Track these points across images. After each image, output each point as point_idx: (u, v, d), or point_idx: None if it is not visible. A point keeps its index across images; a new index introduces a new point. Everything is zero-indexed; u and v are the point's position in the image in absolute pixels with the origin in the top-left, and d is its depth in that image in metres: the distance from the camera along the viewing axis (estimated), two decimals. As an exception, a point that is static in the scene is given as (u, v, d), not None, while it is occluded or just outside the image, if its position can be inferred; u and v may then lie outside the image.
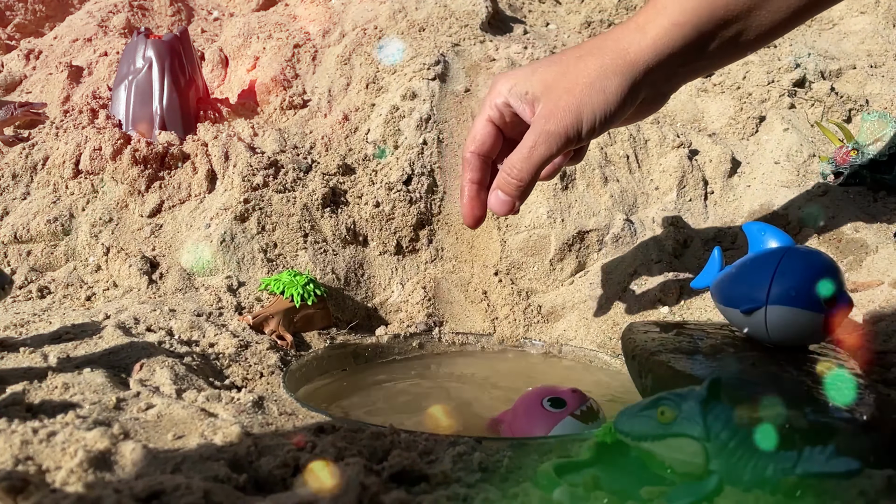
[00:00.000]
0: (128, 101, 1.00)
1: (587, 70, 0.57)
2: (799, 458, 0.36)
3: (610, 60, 0.56)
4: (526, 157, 0.59)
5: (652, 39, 0.56)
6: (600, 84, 0.56)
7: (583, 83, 0.56)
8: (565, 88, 0.57)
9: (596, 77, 0.56)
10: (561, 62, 0.58)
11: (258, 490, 0.44)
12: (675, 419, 0.39)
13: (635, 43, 0.56)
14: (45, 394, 0.55)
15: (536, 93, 0.58)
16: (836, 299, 0.55)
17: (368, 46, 1.16)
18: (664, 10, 0.56)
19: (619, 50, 0.56)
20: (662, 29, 0.56)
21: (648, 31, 0.56)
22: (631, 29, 0.57)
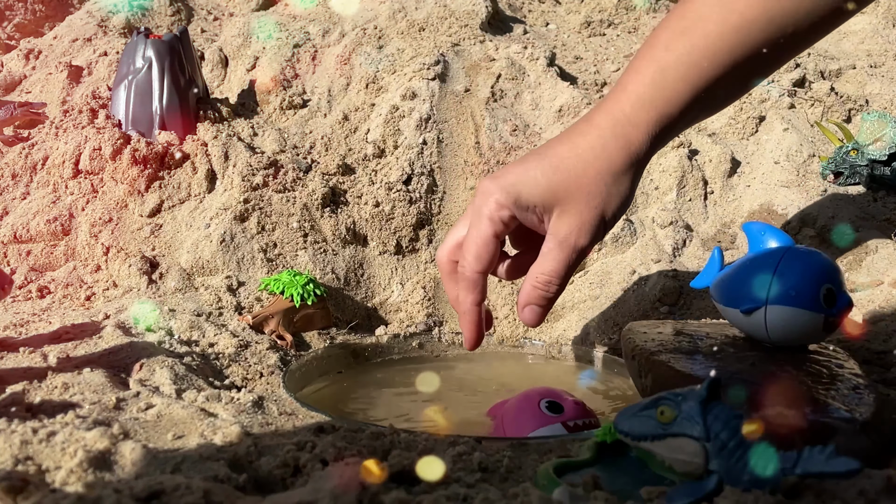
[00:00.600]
0: (127, 100, 1.00)
1: (598, 173, 0.55)
2: (799, 458, 0.36)
3: (616, 161, 0.55)
4: (559, 273, 0.56)
5: (649, 134, 0.56)
6: (616, 189, 0.55)
7: (598, 191, 0.55)
8: (583, 199, 0.55)
9: (611, 181, 0.55)
10: (562, 163, 0.56)
11: (258, 490, 0.44)
12: (674, 419, 0.39)
13: (636, 140, 0.56)
14: (44, 394, 0.55)
15: (548, 205, 0.56)
16: (835, 299, 0.55)
17: (368, 46, 1.16)
18: (650, 104, 0.56)
19: (621, 148, 0.56)
20: (655, 124, 0.56)
21: (645, 127, 0.56)
22: (624, 123, 0.56)
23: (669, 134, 0.57)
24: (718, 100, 0.59)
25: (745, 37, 0.54)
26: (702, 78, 0.55)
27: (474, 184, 0.99)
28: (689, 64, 0.55)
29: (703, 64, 0.55)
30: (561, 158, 0.55)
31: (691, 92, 0.55)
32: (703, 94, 0.56)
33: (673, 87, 0.55)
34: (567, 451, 0.52)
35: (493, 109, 1.05)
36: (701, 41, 0.55)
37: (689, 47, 0.55)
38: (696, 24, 0.55)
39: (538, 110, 1.08)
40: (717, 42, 0.55)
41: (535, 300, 0.57)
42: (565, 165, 0.55)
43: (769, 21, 0.54)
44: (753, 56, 0.55)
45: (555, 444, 0.53)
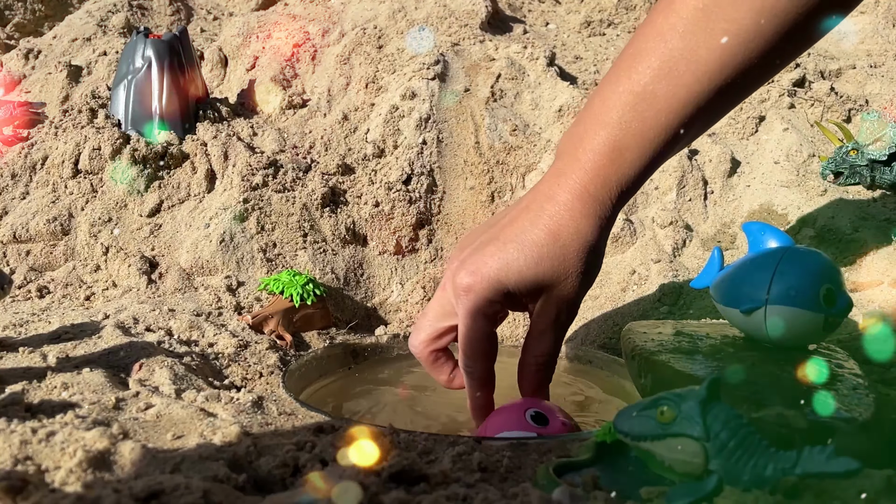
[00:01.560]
0: (127, 100, 1.00)
1: (577, 253, 0.57)
2: (798, 458, 0.36)
3: (590, 238, 0.57)
4: (557, 350, 0.59)
5: (612, 208, 0.57)
6: (594, 259, 0.57)
7: (581, 270, 0.57)
8: (568, 281, 0.57)
9: (590, 256, 0.57)
10: (543, 252, 0.56)
11: (257, 490, 0.44)
12: (674, 419, 0.39)
13: (602, 215, 0.57)
14: (44, 394, 0.55)
15: (535, 293, 0.57)
16: (835, 300, 0.55)
17: (368, 46, 1.16)
18: (610, 182, 0.57)
19: (591, 225, 0.57)
20: (617, 197, 0.57)
21: (609, 202, 0.57)
22: (590, 202, 0.57)
23: (627, 198, 0.59)
24: (677, 150, 0.60)
25: (695, 107, 0.55)
26: (656, 151, 0.56)
27: (474, 184, 0.99)
28: (643, 142, 0.56)
29: (657, 140, 0.56)
30: (539, 246, 0.56)
31: (648, 161, 0.56)
32: (660, 156, 0.57)
33: (630, 165, 0.56)
34: (567, 451, 0.52)
35: (492, 109, 1.05)
36: (653, 119, 0.55)
37: (642, 126, 0.55)
38: (646, 101, 0.55)
39: (538, 110, 1.08)
40: (669, 118, 0.55)
41: (543, 382, 0.60)
42: (546, 253, 0.56)
43: (718, 89, 0.54)
44: (706, 115, 0.56)
45: (554, 444, 0.53)
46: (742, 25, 0.52)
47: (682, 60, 0.54)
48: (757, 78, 0.56)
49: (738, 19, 0.52)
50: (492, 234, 0.58)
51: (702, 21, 0.53)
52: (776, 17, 0.52)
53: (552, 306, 0.57)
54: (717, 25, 0.52)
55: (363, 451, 0.43)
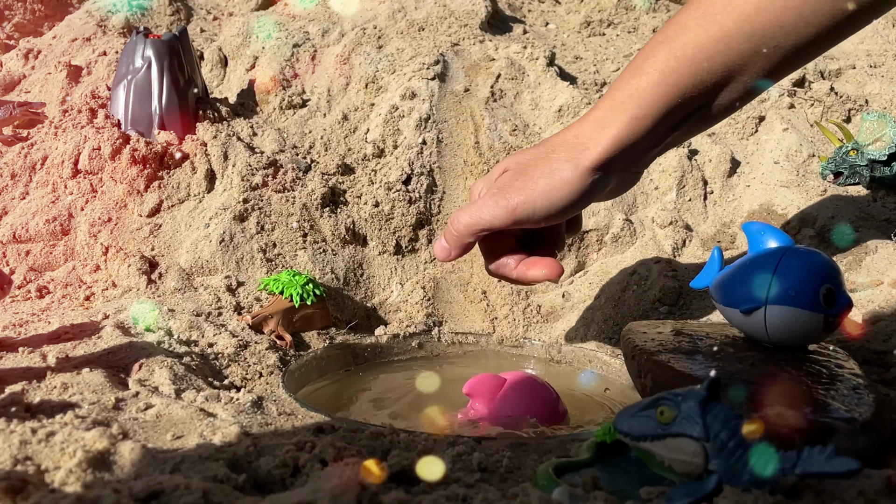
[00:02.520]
0: (127, 100, 1.00)
1: (548, 162, 0.61)
2: (798, 458, 0.36)
3: (568, 155, 0.60)
4: (469, 215, 0.63)
5: (612, 134, 0.59)
6: (557, 176, 0.60)
7: (540, 172, 0.61)
8: (525, 175, 0.61)
9: (553, 169, 0.60)
10: (532, 155, 0.63)
11: (257, 490, 0.44)
12: (674, 419, 0.39)
13: (594, 138, 0.60)
14: (43, 394, 0.55)
15: (504, 178, 0.63)
16: (835, 299, 0.55)
17: (368, 46, 1.16)
18: (622, 106, 0.59)
19: (578, 145, 0.60)
20: (621, 124, 0.59)
21: (607, 125, 0.60)
22: (589, 124, 0.61)
23: (639, 137, 0.59)
24: (695, 117, 0.61)
25: (725, 47, 0.56)
26: (677, 85, 0.58)
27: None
28: (664, 71, 0.58)
29: (679, 71, 0.57)
30: (534, 150, 0.63)
31: (664, 97, 0.58)
32: (677, 103, 0.58)
33: (645, 90, 0.58)
34: (566, 451, 0.52)
35: (492, 109, 1.05)
36: (679, 50, 0.57)
37: (667, 56, 0.58)
38: (677, 34, 0.58)
39: (538, 110, 1.08)
40: (694, 51, 0.57)
41: (445, 233, 0.65)
42: (533, 154, 0.63)
43: (750, 35, 0.56)
44: (732, 65, 0.57)
45: (554, 444, 0.53)
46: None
47: (719, 2, 0.56)
48: (790, 35, 0.56)
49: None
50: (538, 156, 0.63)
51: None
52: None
53: (499, 187, 0.63)
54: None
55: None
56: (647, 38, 1.34)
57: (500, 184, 0.63)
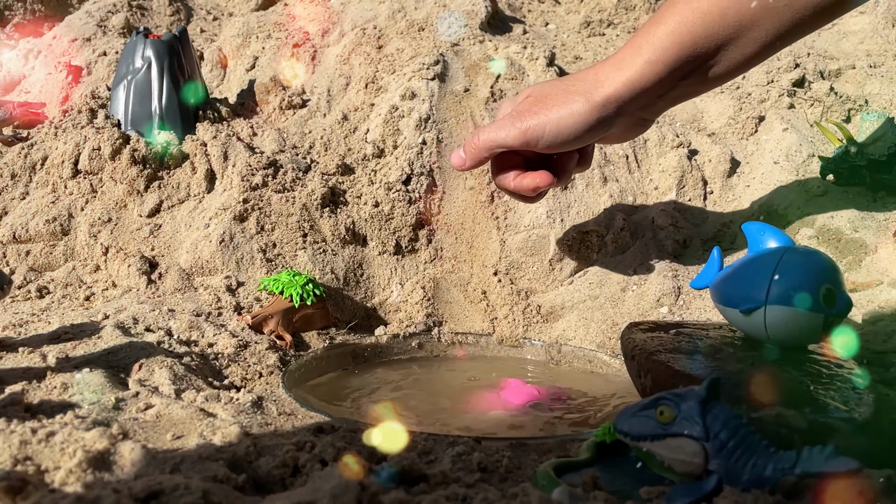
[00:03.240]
0: (127, 100, 1.00)
1: (565, 93, 0.67)
2: (798, 458, 0.36)
3: (583, 88, 0.66)
4: (488, 132, 0.70)
5: (626, 75, 0.65)
6: (569, 107, 0.66)
7: (555, 101, 0.66)
8: (542, 102, 0.67)
9: (567, 100, 0.66)
10: (552, 86, 0.69)
11: (257, 490, 0.44)
12: (674, 419, 0.39)
13: (610, 77, 0.65)
14: (43, 394, 0.55)
15: (524, 103, 0.69)
16: (835, 300, 0.55)
17: (368, 46, 1.16)
18: (639, 50, 0.65)
19: (595, 82, 0.66)
20: (637, 66, 0.65)
21: (624, 67, 0.65)
22: (609, 65, 0.67)
23: (655, 87, 0.65)
24: (711, 64, 0.65)
25: (737, 2, 0.61)
26: (698, 26, 0.62)
27: (474, 184, 0.99)
28: (685, 13, 0.62)
29: (699, 9, 0.62)
30: (555, 82, 0.71)
31: (684, 40, 0.63)
32: (699, 50, 0.63)
33: (664, 34, 0.63)
34: (566, 450, 0.52)
35: (492, 109, 1.05)
36: (696, 2, 0.62)
37: (685, 6, 0.63)
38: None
39: (538, 110, 1.08)
40: (709, 4, 0.62)
41: (464, 145, 0.73)
42: (553, 85, 0.70)
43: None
44: (744, 23, 0.61)
45: (554, 444, 0.53)
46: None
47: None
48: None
49: None
50: (563, 87, 0.69)
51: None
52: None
53: (517, 111, 0.70)
54: None
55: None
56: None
57: (519, 108, 0.69)
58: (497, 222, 0.96)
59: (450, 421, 0.64)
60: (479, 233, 0.96)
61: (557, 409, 0.67)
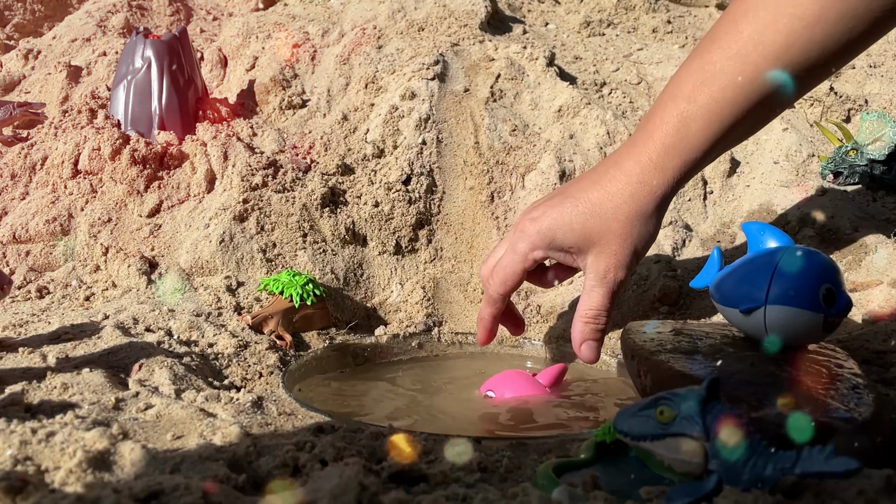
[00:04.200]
0: (126, 100, 1.00)
1: (628, 217, 0.62)
2: (798, 458, 0.36)
3: (645, 205, 0.63)
4: (605, 306, 0.64)
5: (674, 178, 0.63)
6: (645, 229, 0.63)
7: (630, 232, 0.62)
8: (616, 240, 0.62)
9: (640, 223, 0.63)
10: (595, 209, 0.63)
11: (257, 490, 0.44)
12: (674, 419, 0.39)
13: (662, 184, 0.62)
14: (44, 394, 0.55)
15: (582, 247, 0.63)
16: (835, 299, 0.55)
17: (367, 46, 1.16)
18: (675, 151, 0.62)
19: (649, 193, 0.62)
20: (679, 169, 0.62)
21: (670, 172, 0.62)
22: (651, 170, 0.62)
23: (692, 173, 0.63)
24: (739, 137, 0.65)
25: (761, 86, 0.59)
26: (722, 125, 0.61)
27: (473, 184, 0.99)
28: (709, 114, 0.60)
29: (723, 114, 0.60)
30: (593, 204, 0.63)
31: (713, 137, 0.61)
32: (723, 137, 0.61)
33: (695, 136, 0.61)
34: (566, 450, 0.52)
35: (492, 109, 1.05)
36: (720, 94, 0.60)
37: (710, 99, 0.60)
38: (715, 77, 0.60)
39: (537, 110, 1.08)
40: (735, 93, 0.60)
41: (590, 335, 0.65)
42: (598, 211, 0.62)
43: (783, 70, 0.59)
44: (770, 100, 0.60)
45: (554, 444, 0.53)
46: (807, 10, 0.57)
47: (750, 42, 0.59)
48: (817, 66, 0.59)
49: (803, 3, 0.57)
50: (560, 191, 0.66)
51: (770, 6, 0.58)
52: (839, 4, 0.56)
53: (600, 263, 0.63)
54: (784, 10, 0.57)
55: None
56: (646, 38, 1.34)
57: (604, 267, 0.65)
58: (497, 222, 0.96)
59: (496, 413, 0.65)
60: (479, 233, 0.96)
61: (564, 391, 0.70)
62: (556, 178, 0.97)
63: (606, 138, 1.04)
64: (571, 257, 0.64)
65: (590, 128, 1.04)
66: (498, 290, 0.68)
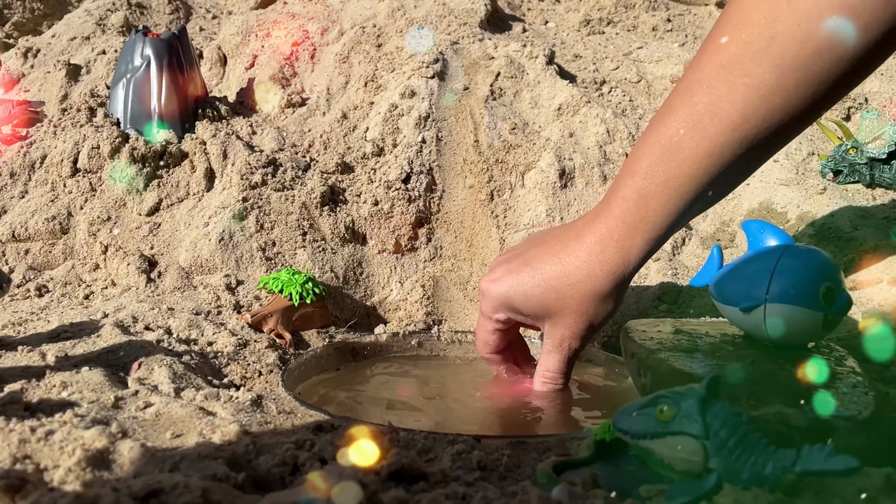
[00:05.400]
0: (126, 99, 1.00)
1: (584, 296, 0.61)
2: (798, 457, 0.36)
3: (602, 286, 0.61)
4: (561, 370, 0.65)
5: (635, 257, 0.60)
6: (602, 308, 0.62)
7: (584, 310, 0.62)
8: (571, 315, 0.62)
9: (596, 303, 0.61)
10: (551, 283, 0.62)
11: (256, 489, 0.44)
12: (673, 417, 0.39)
13: (622, 265, 0.60)
14: (43, 392, 0.55)
15: (539, 315, 0.63)
16: (834, 298, 0.55)
17: (367, 45, 1.16)
18: (635, 230, 0.60)
19: (608, 273, 0.61)
20: (641, 248, 0.60)
21: (631, 251, 0.60)
22: (612, 249, 0.60)
23: (656, 248, 0.61)
24: (706, 206, 0.62)
25: (720, 159, 0.57)
26: (683, 199, 0.58)
27: (473, 182, 0.99)
28: (668, 191, 0.58)
29: (682, 189, 0.58)
30: (550, 278, 0.62)
31: (674, 213, 0.59)
32: (686, 211, 0.59)
33: (655, 213, 0.59)
34: (566, 449, 0.52)
35: (492, 108, 1.05)
36: (677, 169, 0.57)
37: (667, 176, 0.58)
38: (672, 152, 0.57)
39: (537, 109, 1.08)
40: (694, 168, 0.57)
41: (550, 391, 0.67)
42: (555, 286, 0.61)
43: (741, 142, 0.56)
44: (731, 170, 0.58)
45: (553, 443, 0.53)
46: (763, 80, 0.53)
47: (706, 114, 0.55)
48: (782, 132, 0.57)
49: (758, 74, 0.53)
50: (520, 252, 0.65)
51: (723, 77, 0.54)
52: (797, 72, 0.53)
53: (556, 333, 0.64)
54: (738, 80, 0.54)
55: (364, 450, 0.44)
56: (646, 37, 1.34)
57: (560, 335, 0.65)
58: (496, 221, 0.96)
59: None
60: (479, 231, 0.96)
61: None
62: (556, 177, 0.97)
63: (606, 137, 1.03)
64: (530, 321, 0.65)
65: (589, 126, 1.04)
66: (483, 350, 0.69)
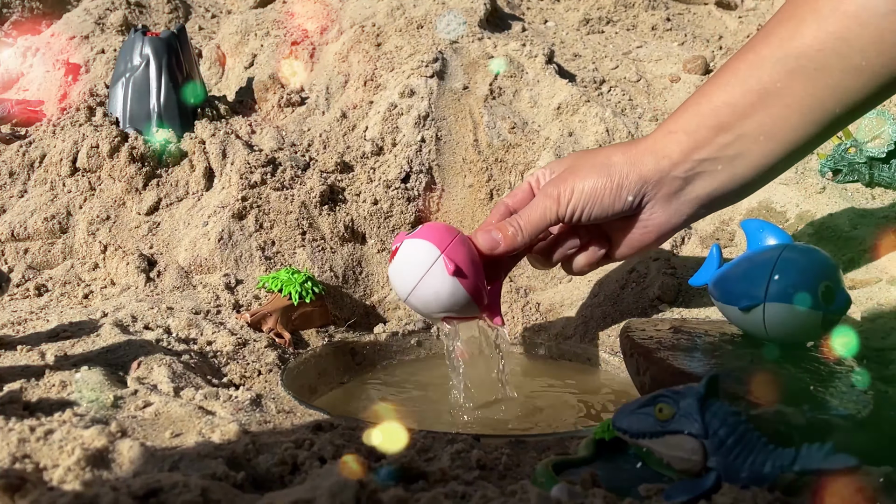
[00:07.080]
0: (125, 98, 1.00)
1: (597, 166, 0.66)
2: (797, 456, 0.36)
3: (621, 169, 0.65)
4: (527, 209, 0.67)
5: (668, 164, 0.63)
6: (598, 177, 0.65)
7: (587, 169, 0.66)
8: (574, 172, 0.66)
9: (599, 170, 0.65)
10: (591, 159, 0.67)
11: (256, 488, 0.44)
12: (673, 416, 0.39)
13: (650, 164, 0.64)
14: (42, 392, 0.55)
15: (556, 171, 0.68)
16: (834, 297, 0.55)
17: (366, 44, 1.16)
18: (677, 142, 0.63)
19: (633, 164, 0.65)
20: (673, 158, 0.63)
21: (663, 156, 0.64)
22: (648, 151, 0.65)
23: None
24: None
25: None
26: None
27: (473, 181, 0.98)
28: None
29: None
30: (596, 156, 0.67)
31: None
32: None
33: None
34: (565, 448, 0.52)
35: (491, 107, 1.05)
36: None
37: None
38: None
39: (536, 108, 1.08)
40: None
41: (501, 226, 0.67)
42: (593, 158, 0.67)
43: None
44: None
45: (553, 442, 0.53)
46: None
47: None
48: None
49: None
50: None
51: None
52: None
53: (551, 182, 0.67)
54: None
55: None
56: (645, 36, 1.34)
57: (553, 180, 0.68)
58: (496, 220, 0.96)
59: None
60: (478, 230, 0.96)
61: None
62: (555, 176, 0.97)
63: (605, 136, 1.03)
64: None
65: (589, 125, 1.04)
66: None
